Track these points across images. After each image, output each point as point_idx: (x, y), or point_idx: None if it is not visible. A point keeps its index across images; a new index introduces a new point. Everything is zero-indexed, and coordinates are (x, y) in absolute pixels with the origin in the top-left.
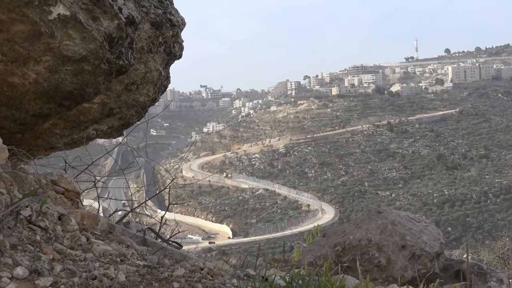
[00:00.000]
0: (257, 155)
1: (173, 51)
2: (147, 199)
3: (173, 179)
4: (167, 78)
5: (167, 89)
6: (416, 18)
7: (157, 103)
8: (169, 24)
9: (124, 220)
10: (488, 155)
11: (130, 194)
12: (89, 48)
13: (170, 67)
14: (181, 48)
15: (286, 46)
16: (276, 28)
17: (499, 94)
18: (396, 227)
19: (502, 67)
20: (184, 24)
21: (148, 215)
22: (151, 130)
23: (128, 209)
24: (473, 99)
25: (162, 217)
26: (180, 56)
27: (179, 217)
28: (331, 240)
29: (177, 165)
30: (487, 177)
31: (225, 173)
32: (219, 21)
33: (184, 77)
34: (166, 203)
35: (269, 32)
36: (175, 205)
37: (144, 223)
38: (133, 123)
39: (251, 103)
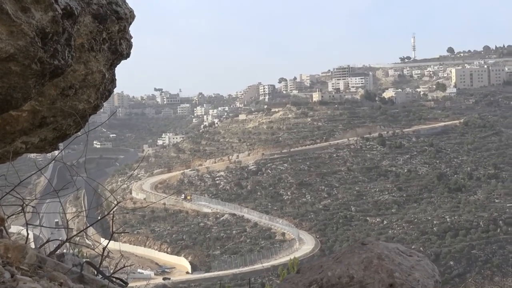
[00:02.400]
0: (222, 173)
1: (120, 49)
2: (87, 225)
3: (118, 202)
4: (112, 81)
5: (114, 93)
6: (413, 11)
7: (102, 109)
8: (115, 17)
9: (58, 252)
10: (498, 175)
11: (66, 219)
12: (17, 45)
13: (116, 68)
14: (129, 46)
15: (258, 43)
16: (246, 22)
17: (511, 102)
18: (383, 262)
19: None
20: (133, 17)
21: (88, 246)
22: (94, 142)
23: (64, 237)
24: (480, 108)
25: (104, 248)
26: (128, 55)
27: (128, 247)
28: (306, 277)
29: (125, 185)
30: (496, 201)
31: (183, 195)
32: (179, 14)
33: (135, 79)
34: (112, 230)
35: (238, 26)
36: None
37: (85, 254)
38: (70, 134)
39: (215, 110)
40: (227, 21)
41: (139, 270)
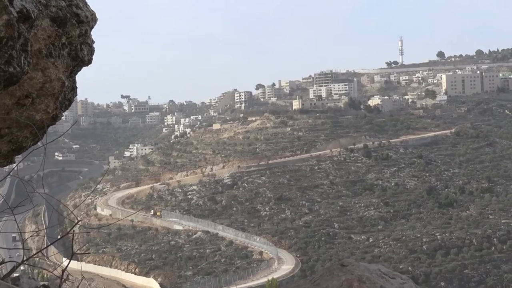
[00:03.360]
0: (194, 187)
1: (80, 55)
2: (47, 244)
3: (79, 220)
4: (73, 89)
5: (77, 100)
6: (401, 13)
7: (64, 118)
8: (75, 20)
9: (14, 274)
10: (492, 189)
11: (22, 239)
12: None
13: (80, 73)
14: (91, 51)
15: (234, 46)
16: (222, 24)
17: (507, 111)
18: (364, 284)
19: (511, 76)
20: (95, 20)
21: (46, 268)
22: (56, 153)
23: (21, 258)
24: (473, 117)
25: (63, 270)
26: (89, 61)
27: (92, 268)
28: None
29: (89, 200)
30: (490, 217)
31: (152, 211)
32: (147, 14)
33: (100, 85)
34: (75, 248)
35: (211, 28)
36: (84, 255)
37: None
38: (27, 147)
39: (187, 119)
40: (201, 23)
41: None
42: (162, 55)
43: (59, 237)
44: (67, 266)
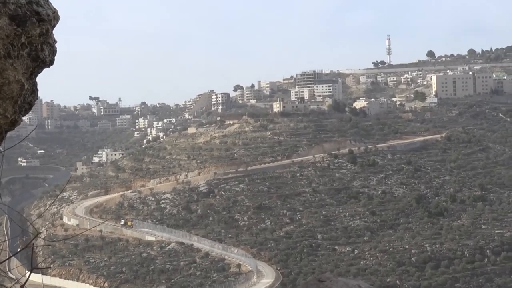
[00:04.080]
0: (168, 196)
1: (42, 56)
2: (9, 256)
3: (38, 233)
4: (33, 92)
5: (43, 102)
6: (388, 10)
7: (27, 121)
8: (35, 18)
9: None
10: (485, 197)
11: None
12: None
13: (45, 73)
14: (53, 52)
15: (211, 45)
16: (197, 21)
17: (500, 114)
18: None
19: (505, 77)
20: (57, 18)
21: (7, 283)
22: (19, 159)
23: None
24: (465, 120)
25: (22, 285)
26: (51, 62)
27: (58, 281)
28: None
29: (55, 209)
30: (483, 227)
31: (123, 220)
32: (116, 11)
33: (67, 86)
34: (39, 261)
35: (185, 25)
36: (51, 266)
37: None
38: None
39: (160, 122)
40: (173, 20)
41: None
42: (133, 55)
43: (19, 249)
44: (26, 281)
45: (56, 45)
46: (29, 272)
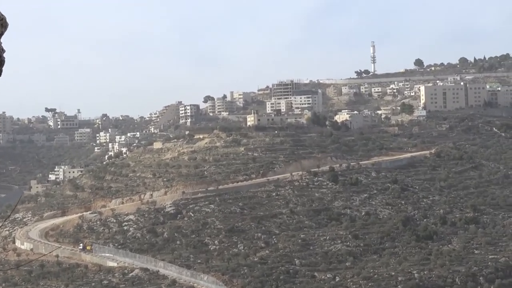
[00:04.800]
0: (131, 217)
1: None
2: None
3: None
4: None
5: None
6: (373, 14)
7: None
8: None
9: None
10: (478, 219)
11: None
12: None
13: None
14: (1, 62)
15: (179, 52)
16: (162, 25)
17: (495, 129)
18: None
19: (499, 88)
20: (5, 26)
21: None
22: None
23: None
24: (456, 135)
25: None
26: None
27: None
28: None
29: (7, 232)
30: (476, 252)
31: (81, 244)
32: (74, 14)
33: (20, 96)
34: None
35: (150, 31)
36: None
37: None
38: None
39: (123, 136)
40: (137, 26)
41: None
42: (93, 63)
43: None
44: None
45: (6, 54)
46: None
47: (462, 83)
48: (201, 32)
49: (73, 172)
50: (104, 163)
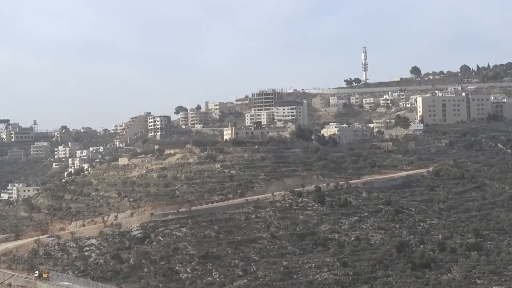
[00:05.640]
0: (93, 241)
1: None
2: None
3: None
4: None
5: None
6: (365, 17)
7: None
8: None
9: None
10: (481, 246)
11: None
12: None
13: None
14: None
15: (146, 57)
16: (129, 28)
17: (499, 145)
18: None
19: (505, 100)
20: None
21: None
22: None
23: None
24: (457, 152)
25: None
26: None
27: None
28: None
29: None
30: (478, 282)
31: (37, 272)
32: (34, 17)
33: None
34: None
35: (116, 34)
36: None
37: None
38: None
39: (85, 151)
40: (100, 30)
41: None
42: (51, 69)
43: None
44: None
45: None
46: None
47: (463, 94)
48: (172, 36)
49: (28, 190)
50: (63, 180)
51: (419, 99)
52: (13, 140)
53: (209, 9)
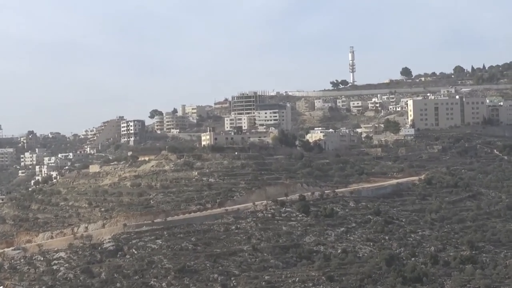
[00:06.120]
0: (62, 254)
1: None
2: None
3: None
4: None
5: None
6: (352, 14)
7: None
8: None
9: None
10: (476, 258)
11: None
12: None
13: None
14: None
15: (119, 58)
16: (100, 25)
17: (495, 151)
18: None
19: (501, 103)
20: None
21: None
22: None
23: None
24: (450, 158)
25: None
26: None
27: None
28: None
29: None
30: None
31: (1, 287)
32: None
33: None
34: None
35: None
36: None
37: None
38: None
39: (53, 158)
40: (68, 28)
41: None
42: (17, 70)
43: None
44: None
45: None
46: None
47: (457, 97)
48: (147, 34)
49: None
50: (30, 189)
51: (410, 102)
52: None
53: (186, 5)
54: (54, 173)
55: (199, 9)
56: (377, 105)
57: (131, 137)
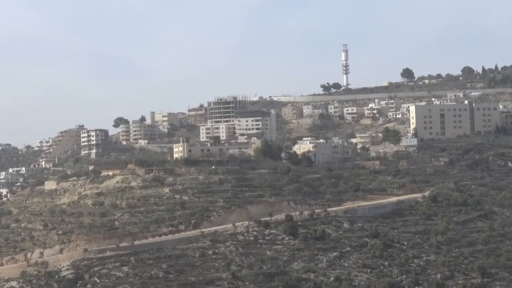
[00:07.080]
0: (14, 284)
1: None
2: None
3: None
4: None
5: None
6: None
7: None
8: None
9: None
10: (488, 287)
11: None
12: None
13: None
14: None
15: (77, 58)
16: (57, 23)
17: (510, 163)
18: None
19: None
20: None
21: None
22: None
23: None
24: (458, 172)
25: None
26: None
27: None
28: None
29: None
30: None
31: None
32: None
33: None
34: None
35: (40, 26)
36: None
37: None
38: None
39: (3, 173)
40: (28, 20)
41: None
42: None
43: None
44: None
45: None
46: None
47: (466, 102)
48: (112, 33)
49: None
50: None
51: (412, 108)
52: None
53: (158, 3)
54: (4, 191)
55: (171, 4)
56: (375, 111)
57: (93, 149)
